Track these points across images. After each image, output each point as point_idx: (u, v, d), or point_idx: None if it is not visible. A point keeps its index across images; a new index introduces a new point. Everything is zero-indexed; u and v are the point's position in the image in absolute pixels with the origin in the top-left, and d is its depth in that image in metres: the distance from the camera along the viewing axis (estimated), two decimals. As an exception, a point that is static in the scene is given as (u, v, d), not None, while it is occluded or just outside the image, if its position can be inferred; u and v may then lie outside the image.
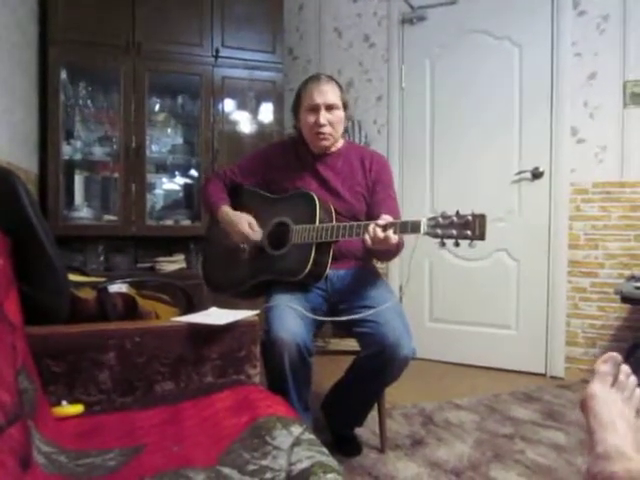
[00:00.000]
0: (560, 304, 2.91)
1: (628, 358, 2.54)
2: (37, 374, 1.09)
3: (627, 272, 2.71)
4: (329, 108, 1.79)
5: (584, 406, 0.76)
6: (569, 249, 2.89)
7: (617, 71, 2.75)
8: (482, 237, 1.32)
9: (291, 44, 3.62)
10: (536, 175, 2.94)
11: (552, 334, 2.93)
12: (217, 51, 3.03)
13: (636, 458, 0.68)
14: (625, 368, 0.79)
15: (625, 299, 2.47)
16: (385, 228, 1.44)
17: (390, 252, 1.65)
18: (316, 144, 1.84)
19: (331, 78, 1.86)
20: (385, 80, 3.39)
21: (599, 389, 0.76)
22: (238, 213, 1.83)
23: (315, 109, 1.79)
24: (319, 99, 1.77)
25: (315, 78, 1.84)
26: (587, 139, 2.84)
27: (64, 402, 1.18)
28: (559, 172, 2.90)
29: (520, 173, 2.99)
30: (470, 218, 1.32)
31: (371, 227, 1.47)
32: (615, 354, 0.80)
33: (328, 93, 1.79)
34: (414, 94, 3.31)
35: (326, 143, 1.84)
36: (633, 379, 0.79)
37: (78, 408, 1.19)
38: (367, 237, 1.48)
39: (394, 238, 1.43)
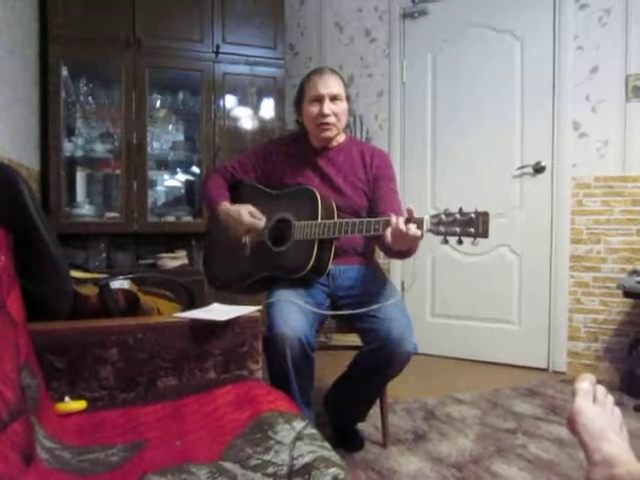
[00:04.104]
0: (562, 299, 2.91)
1: (630, 352, 2.54)
2: (40, 370, 1.09)
3: (629, 267, 2.70)
4: (333, 99, 1.79)
5: (572, 423, 0.77)
6: (571, 244, 2.89)
7: (619, 65, 2.74)
8: (485, 235, 1.31)
9: (292, 40, 3.61)
10: (538, 170, 2.94)
11: (554, 329, 2.93)
12: (218, 47, 3.02)
13: (636, 464, 0.69)
14: (601, 388, 0.81)
15: (627, 294, 2.46)
16: (407, 222, 1.39)
17: (411, 250, 1.58)
18: (319, 135, 1.84)
19: (334, 71, 1.86)
20: (386, 75, 3.38)
21: (584, 405, 0.77)
22: (237, 205, 1.82)
23: (319, 99, 1.78)
24: (323, 90, 1.77)
25: (319, 70, 1.84)
26: (589, 133, 2.83)
27: (67, 398, 1.18)
28: (561, 167, 2.89)
29: (522, 168, 2.98)
30: (473, 215, 1.31)
31: (393, 221, 1.42)
32: (590, 374, 0.82)
33: (332, 84, 1.79)
34: (415, 89, 3.30)
35: (329, 134, 1.83)
36: (610, 398, 0.81)
37: (81, 404, 1.19)
38: (388, 234, 1.43)
39: (416, 232, 1.37)
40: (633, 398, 2.39)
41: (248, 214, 1.77)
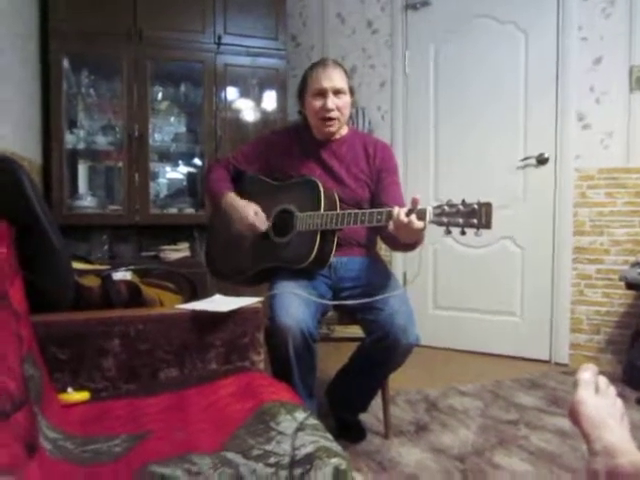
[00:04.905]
0: (565, 291, 2.90)
1: (632, 344, 2.54)
2: (43, 361, 1.09)
3: (632, 258, 2.70)
4: (336, 93, 1.77)
5: (573, 413, 0.77)
6: (574, 236, 2.88)
7: (623, 56, 2.71)
8: (488, 225, 1.30)
9: (294, 30, 3.59)
10: (541, 161, 2.92)
11: (557, 321, 2.93)
12: (219, 38, 3.01)
13: (638, 454, 0.69)
14: (603, 378, 0.81)
15: (630, 285, 2.46)
16: (410, 212, 1.38)
17: (417, 243, 1.57)
18: (322, 130, 1.83)
19: (338, 63, 1.84)
20: (389, 66, 3.37)
21: (586, 395, 0.77)
22: (244, 201, 1.81)
23: (322, 94, 1.77)
24: (327, 84, 1.76)
25: (322, 63, 1.82)
26: (593, 125, 2.81)
27: (70, 389, 1.19)
28: (564, 158, 2.88)
29: (525, 159, 2.96)
30: (476, 206, 1.31)
31: (395, 212, 1.42)
32: (592, 365, 0.81)
33: (336, 78, 1.77)
34: (418, 80, 3.28)
35: (332, 129, 1.82)
36: (612, 389, 0.81)
37: (84, 395, 1.20)
38: (391, 224, 1.43)
39: (419, 224, 1.37)
40: (635, 390, 2.39)
41: (253, 213, 1.76)
